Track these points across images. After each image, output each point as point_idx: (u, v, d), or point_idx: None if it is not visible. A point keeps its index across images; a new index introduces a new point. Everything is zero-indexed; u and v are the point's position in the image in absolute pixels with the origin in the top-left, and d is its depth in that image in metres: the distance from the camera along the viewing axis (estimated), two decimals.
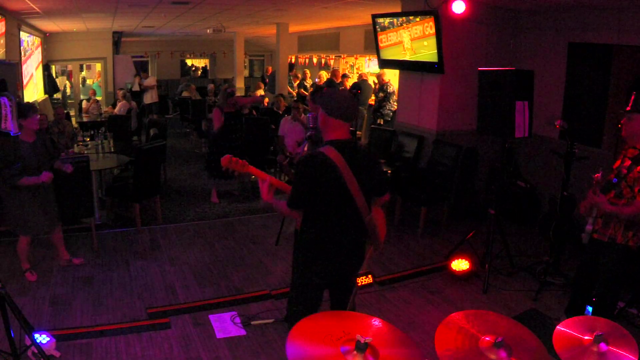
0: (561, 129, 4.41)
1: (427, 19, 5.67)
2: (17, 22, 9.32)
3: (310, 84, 11.95)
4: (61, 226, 4.54)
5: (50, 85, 12.49)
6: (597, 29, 5.23)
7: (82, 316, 3.76)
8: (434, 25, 5.58)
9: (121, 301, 4.01)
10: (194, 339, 3.52)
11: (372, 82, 10.38)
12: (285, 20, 11.39)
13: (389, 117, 9.10)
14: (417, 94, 6.38)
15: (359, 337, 1.56)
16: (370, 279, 3.91)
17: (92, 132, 9.79)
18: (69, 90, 16.12)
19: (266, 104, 10.95)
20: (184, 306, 3.98)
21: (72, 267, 4.57)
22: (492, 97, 4.47)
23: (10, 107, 3.15)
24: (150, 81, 13.33)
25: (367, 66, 12.36)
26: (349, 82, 11.14)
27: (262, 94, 12.11)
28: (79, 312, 3.82)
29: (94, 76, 17.36)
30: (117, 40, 15.08)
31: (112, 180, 6.47)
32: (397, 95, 7.98)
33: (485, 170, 6.19)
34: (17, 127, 3.31)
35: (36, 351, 2.89)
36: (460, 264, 4.53)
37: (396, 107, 8.32)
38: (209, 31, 12.17)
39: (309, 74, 12.39)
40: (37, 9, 8.22)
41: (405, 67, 6.44)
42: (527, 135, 4.41)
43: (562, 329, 1.88)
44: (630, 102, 3.31)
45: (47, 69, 12.67)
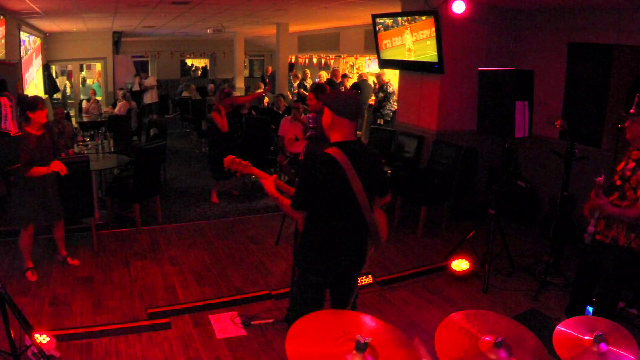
0: (561, 129, 4.41)
1: (427, 19, 5.67)
2: (17, 22, 9.33)
3: (310, 84, 11.95)
4: (63, 223, 4.54)
5: (50, 85, 12.49)
6: (597, 29, 5.23)
7: (82, 316, 3.76)
8: (434, 25, 5.58)
9: (121, 301, 4.01)
10: (194, 339, 3.52)
11: (372, 82, 10.38)
12: (285, 20, 11.39)
13: (389, 117, 9.10)
14: (417, 94, 6.38)
15: (358, 337, 1.56)
16: (370, 279, 3.91)
17: (92, 132, 9.79)
18: (69, 90, 16.12)
19: (266, 104, 10.96)
20: (184, 306, 3.98)
21: (72, 267, 4.57)
22: (492, 97, 4.47)
23: (10, 107, 3.15)
24: (150, 81, 13.33)
25: (367, 66, 12.37)
26: (349, 82, 11.14)
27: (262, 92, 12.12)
28: (79, 312, 3.82)
29: (94, 76, 17.36)
30: (117, 40, 15.09)
31: (112, 180, 6.47)
32: (397, 95, 7.98)
33: (485, 170, 6.19)
34: (17, 127, 3.32)
35: (36, 351, 2.89)
36: (460, 264, 4.53)
37: (396, 107, 8.32)
38: (209, 31, 12.18)
39: (309, 74, 12.39)
40: (37, 9, 8.22)
41: (405, 67, 6.44)
42: (527, 135, 4.41)
43: (562, 329, 1.88)
44: (634, 104, 3.30)
45: (47, 69, 12.67)
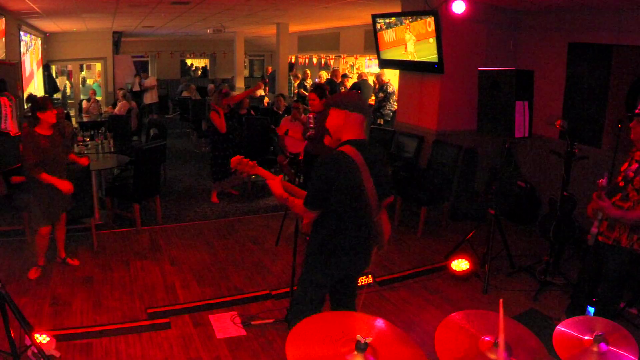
0: (561, 128, 4.41)
1: (427, 19, 5.67)
2: (17, 22, 9.33)
3: (310, 84, 11.95)
4: (65, 224, 4.55)
5: (50, 85, 12.49)
6: (597, 29, 5.23)
7: (82, 316, 3.76)
8: (434, 25, 5.58)
9: (121, 301, 4.01)
10: (194, 339, 3.52)
11: (372, 82, 10.38)
12: (285, 20, 11.39)
13: (389, 117, 9.10)
14: (417, 94, 6.38)
15: (359, 337, 1.56)
16: (370, 279, 3.91)
17: (92, 132, 9.79)
18: (69, 90, 16.12)
19: (266, 104, 10.96)
20: (184, 306, 3.98)
21: (72, 267, 4.57)
22: (492, 97, 4.47)
23: (10, 107, 3.16)
24: (150, 81, 13.34)
25: (367, 66, 12.36)
26: (349, 82, 11.14)
27: (262, 93, 12.12)
28: (79, 312, 3.82)
29: (94, 76, 17.36)
30: (117, 40, 15.08)
31: (112, 180, 6.47)
32: (397, 95, 7.98)
33: (485, 170, 6.19)
34: (17, 127, 3.33)
35: (36, 351, 2.89)
36: (460, 264, 4.53)
37: (396, 107, 8.33)
38: (209, 31, 12.18)
39: (310, 74, 12.39)
40: (37, 9, 8.21)
41: (405, 67, 6.44)
42: (527, 135, 4.41)
43: (562, 329, 1.88)
44: (638, 104, 3.31)
45: (47, 69, 12.67)
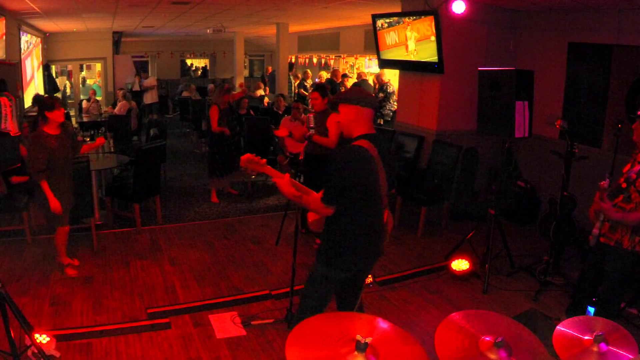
0: (561, 129, 4.41)
1: (427, 19, 5.67)
2: (17, 22, 9.32)
3: (310, 84, 11.95)
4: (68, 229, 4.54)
5: (50, 85, 12.49)
6: (597, 29, 5.23)
7: (82, 316, 3.76)
8: (434, 25, 5.58)
9: (121, 301, 4.01)
10: (194, 339, 3.52)
11: (372, 82, 10.37)
12: (285, 20, 11.39)
13: (389, 117, 9.10)
14: (417, 94, 6.38)
15: (359, 337, 1.56)
16: (370, 279, 3.91)
17: (92, 132, 9.80)
18: (69, 90, 16.12)
19: (266, 104, 10.95)
20: (184, 306, 3.98)
21: (72, 267, 4.57)
22: (492, 97, 4.47)
23: (10, 107, 3.16)
24: (150, 81, 13.33)
25: (367, 66, 12.36)
26: (349, 82, 11.13)
27: (262, 93, 12.11)
28: (79, 312, 3.82)
29: (94, 76, 17.36)
30: (117, 40, 15.08)
31: (112, 180, 6.47)
32: (397, 95, 7.98)
33: (485, 170, 6.19)
34: (17, 127, 3.33)
35: (36, 351, 2.89)
36: (460, 264, 4.53)
37: (396, 107, 8.32)
38: (209, 31, 12.17)
39: (311, 74, 12.39)
40: (37, 9, 8.21)
41: (405, 67, 6.44)
42: (527, 135, 4.41)
43: (562, 329, 1.88)
44: None
45: (47, 69, 12.67)
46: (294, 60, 15.16)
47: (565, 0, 5.11)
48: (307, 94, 11.33)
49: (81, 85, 16.24)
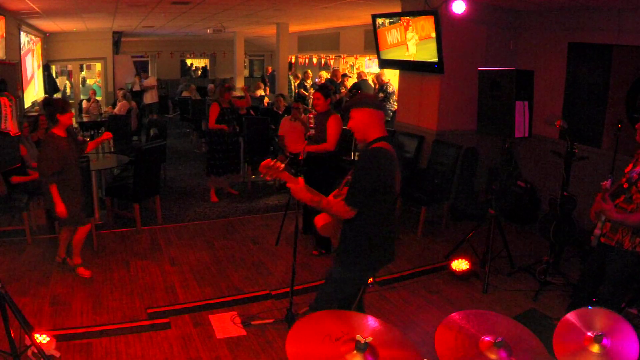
0: (561, 128, 4.41)
1: (427, 19, 5.67)
2: (17, 22, 9.32)
3: (310, 84, 11.95)
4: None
5: (50, 85, 12.48)
6: (597, 29, 5.23)
7: (82, 316, 3.76)
8: (434, 25, 5.58)
9: (121, 301, 4.01)
10: (194, 338, 3.52)
11: (372, 82, 10.37)
12: (285, 20, 11.38)
13: (388, 117, 9.09)
14: (417, 94, 6.38)
15: (359, 337, 1.56)
16: (370, 279, 3.91)
17: (92, 132, 9.79)
18: (69, 90, 16.11)
19: (266, 104, 10.95)
20: (184, 306, 3.98)
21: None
22: (492, 97, 4.47)
23: (10, 107, 3.15)
24: (150, 81, 13.33)
25: (367, 66, 12.36)
26: (349, 82, 11.13)
27: (262, 94, 12.11)
28: (79, 312, 3.82)
29: (94, 76, 17.36)
30: (117, 40, 15.07)
31: (112, 180, 6.47)
32: (397, 95, 7.98)
33: (485, 170, 6.19)
34: (17, 127, 3.32)
35: (36, 351, 2.89)
36: (460, 264, 4.53)
37: (396, 107, 8.32)
38: (209, 31, 12.17)
39: (311, 74, 12.40)
40: (37, 9, 8.21)
41: (405, 67, 6.44)
42: (527, 135, 4.41)
43: (562, 329, 1.87)
44: None
45: (47, 69, 12.67)
46: (294, 60, 15.16)
47: (565, 0, 5.12)
48: (307, 94, 11.33)
49: (81, 85, 16.24)
